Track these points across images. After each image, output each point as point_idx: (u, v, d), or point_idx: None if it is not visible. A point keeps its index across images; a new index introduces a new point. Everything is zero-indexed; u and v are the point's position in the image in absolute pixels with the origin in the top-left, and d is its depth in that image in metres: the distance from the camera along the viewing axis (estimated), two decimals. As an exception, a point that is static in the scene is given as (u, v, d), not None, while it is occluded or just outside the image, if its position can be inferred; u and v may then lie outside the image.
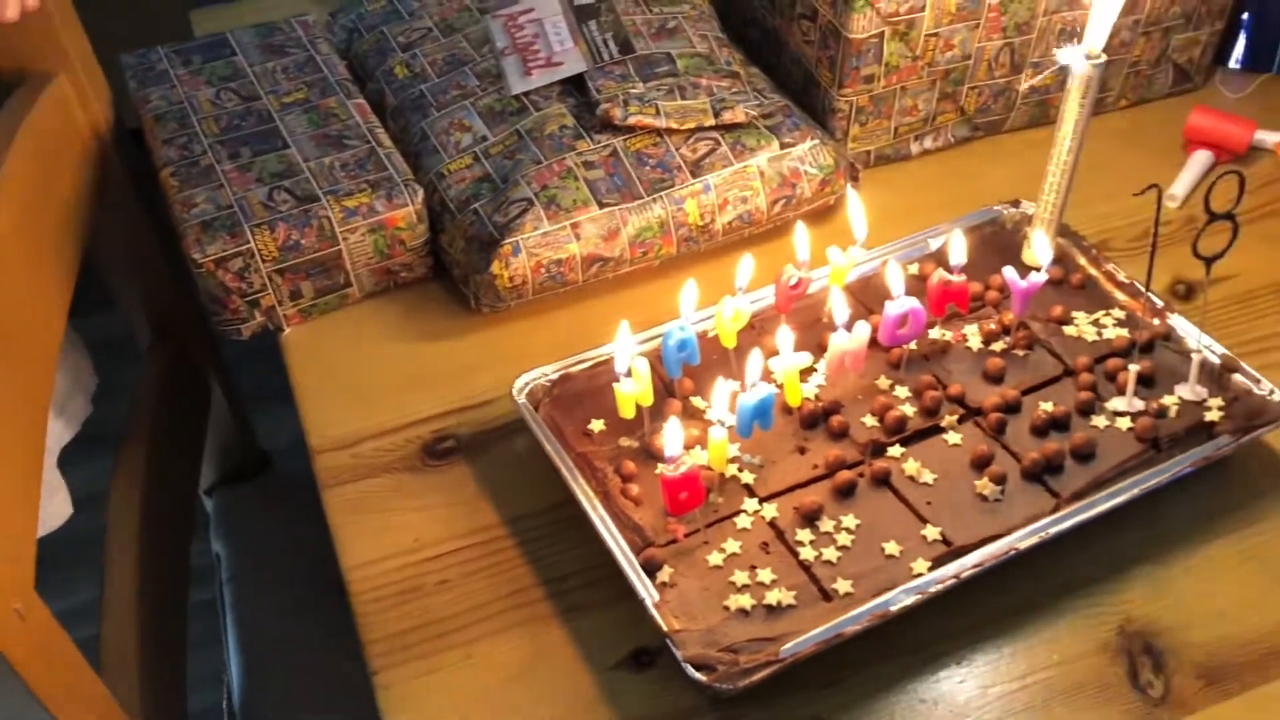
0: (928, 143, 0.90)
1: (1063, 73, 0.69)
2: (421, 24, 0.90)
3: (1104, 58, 0.67)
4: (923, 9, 0.81)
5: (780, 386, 0.67)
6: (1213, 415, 0.67)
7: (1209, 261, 0.67)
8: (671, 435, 0.59)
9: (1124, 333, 0.71)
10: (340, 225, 0.75)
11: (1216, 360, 0.69)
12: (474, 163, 0.79)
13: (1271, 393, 0.67)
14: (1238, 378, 0.68)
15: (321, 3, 1.09)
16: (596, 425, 0.67)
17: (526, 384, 0.69)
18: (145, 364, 0.95)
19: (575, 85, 0.83)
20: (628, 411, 0.66)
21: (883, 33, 0.81)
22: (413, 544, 0.66)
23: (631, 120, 0.78)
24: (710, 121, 0.79)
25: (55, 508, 0.87)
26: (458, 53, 0.87)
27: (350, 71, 0.89)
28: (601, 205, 0.76)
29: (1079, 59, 0.66)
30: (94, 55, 0.82)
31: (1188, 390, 0.68)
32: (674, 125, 0.79)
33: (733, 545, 0.61)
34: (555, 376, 0.70)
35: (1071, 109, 0.68)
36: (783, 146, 0.80)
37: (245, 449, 1.08)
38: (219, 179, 0.77)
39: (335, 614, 0.96)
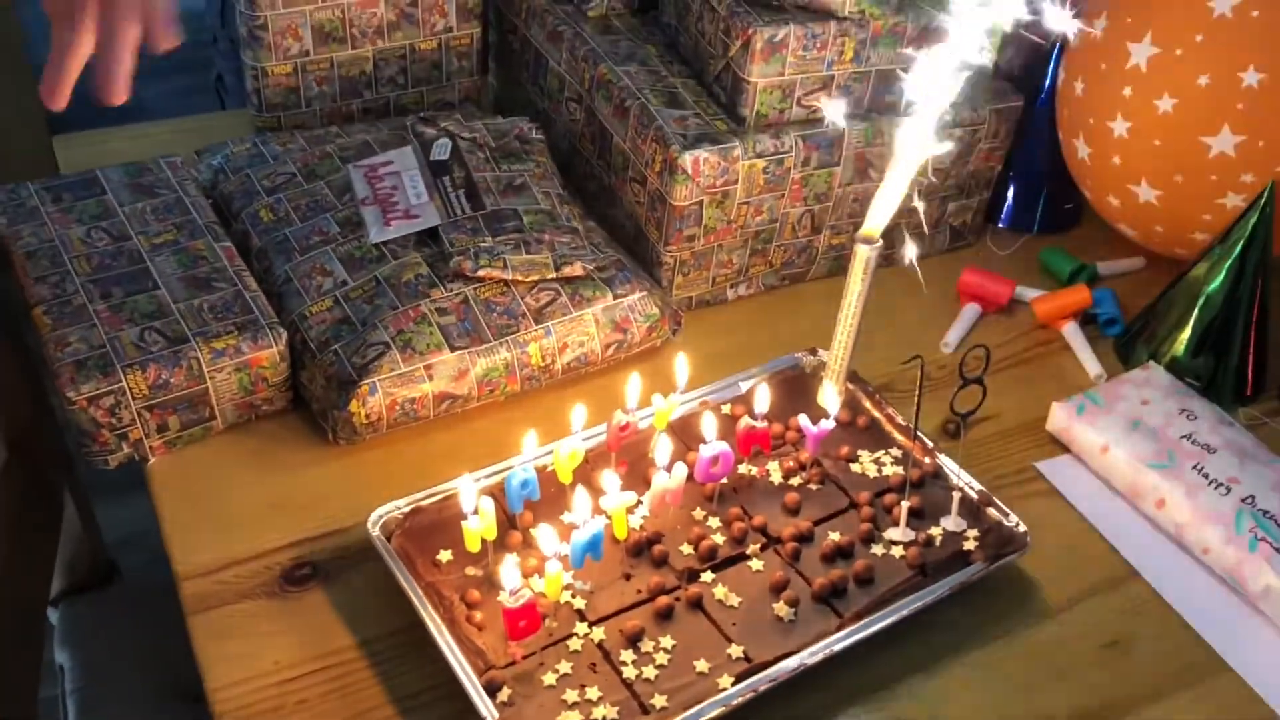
0: (741, 290, 1.03)
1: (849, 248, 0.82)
2: (285, 169, 0.98)
3: (880, 242, 0.80)
4: (736, 182, 0.93)
5: (609, 520, 0.76)
6: (970, 545, 0.79)
7: (963, 416, 0.81)
8: (509, 572, 0.68)
9: (899, 470, 0.84)
10: (208, 365, 0.81)
11: (974, 496, 0.82)
12: (334, 305, 0.87)
13: (1017, 525, 0.80)
14: (991, 511, 0.81)
15: (184, 134, 1.15)
16: (444, 555, 0.75)
17: (380, 516, 0.77)
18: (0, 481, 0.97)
19: (430, 236, 0.91)
20: (473, 545, 0.74)
21: (702, 201, 0.93)
22: (273, 666, 0.72)
23: (481, 272, 0.87)
24: (552, 275, 0.89)
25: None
26: (320, 199, 0.94)
27: (216, 210, 0.96)
28: (453, 348, 0.85)
29: (861, 245, 0.79)
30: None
31: (951, 523, 0.81)
32: (519, 278, 0.88)
33: (565, 666, 0.69)
34: (407, 509, 0.77)
35: (854, 284, 0.80)
36: (615, 297, 0.91)
37: (93, 559, 1.11)
38: (91, 318, 0.82)
39: (182, 723, 0.99)
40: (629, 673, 0.69)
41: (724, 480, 0.81)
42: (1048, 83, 1.10)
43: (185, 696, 1.02)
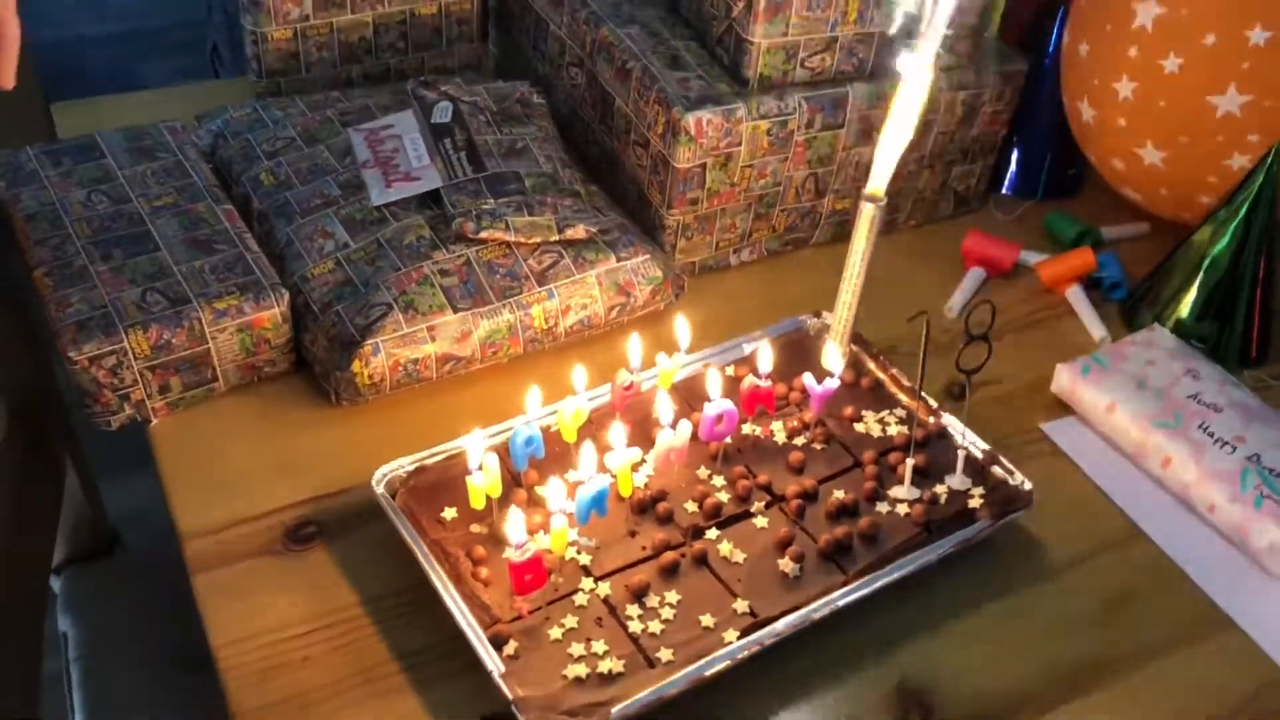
0: (744, 255, 1.02)
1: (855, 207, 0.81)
2: (285, 133, 0.97)
3: (885, 200, 0.79)
4: (739, 144, 0.93)
5: (614, 477, 0.76)
6: (975, 503, 0.79)
7: (969, 374, 0.80)
8: (514, 525, 0.68)
9: (904, 430, 0.84)
10: (210, 326, 0.81)
11: (979, 455, 0.82)
12: (336, 268, 0.87)
13: (1022, 483, 0.80)
14: (996, 470, 0.81)
15: (180, 101, 1.14)
16: (449, 513, 0.75)
17: (385, 474, 0.76)
18: (1, 450, 0.97)
19: (432, 198, 0.91)
20: (478, 502, 0.74)
21: (705, 163, 0.93)
22: (278, 623, 0.72)
23: (484, 234, 0.87)
24: (555, 237, 0.89)
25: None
26: (320, 163, 0.94)
27: (216, 175, 0.95)
28: (455, 310, 0.85)
29: (864, 202, 0.78)
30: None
31: (956, 481, 0.80)
32: (522, 240, 0.88)
33: (571, 621, 0.69)
34: (411, 468, 0.77)
35: (859, 242, 0.80)
36: (618, 260, 0.90)
37: (95, 528, 1.10)
38: (93, 280, 0.82)
39: (186, 690, 0.99)
40: (635, 627, 0.69)
41: (728, 440, 0.80)
42: (1052, 46, 1.09)
43: (188, 665, 1.02)
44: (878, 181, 0.79)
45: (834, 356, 0.82)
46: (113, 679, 1.01)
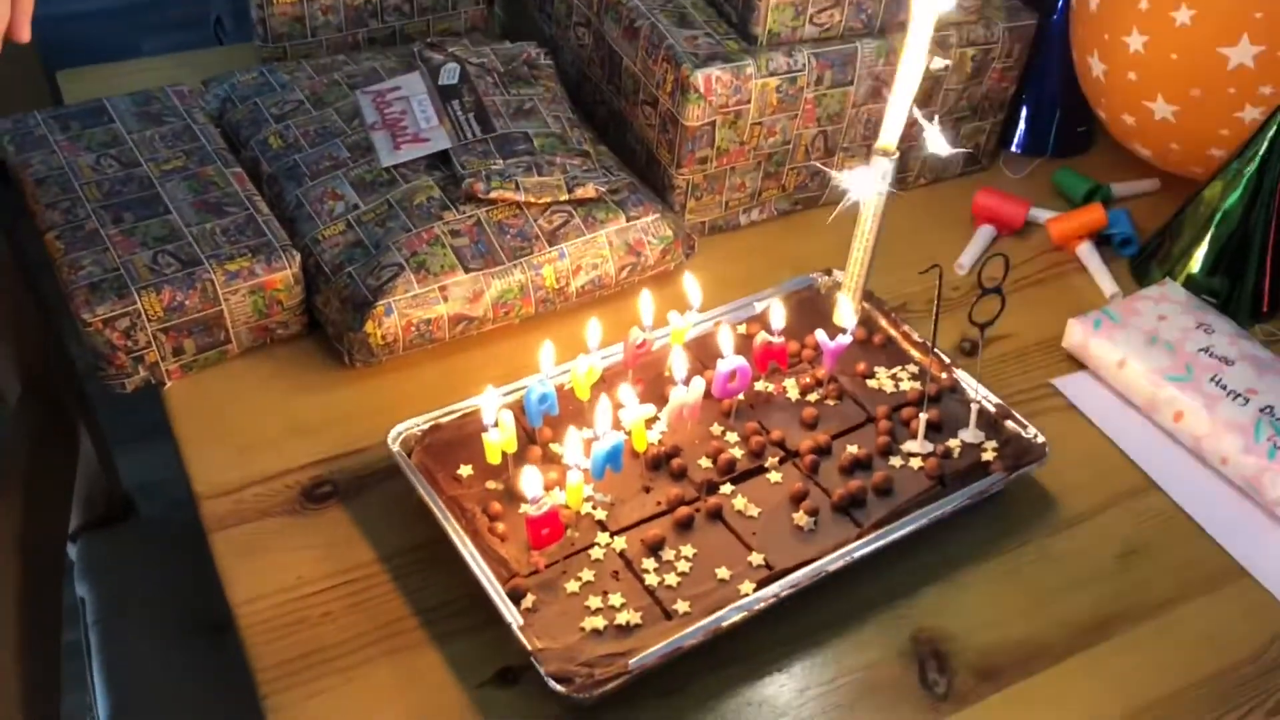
0: (754, 215, 1.02)
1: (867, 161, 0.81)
2: (293, 96, 0.97)
3: (897, 153, 0.79)
4: (748, 102, 0.93)
5: (628, 434, 0.76)
6: (988, 456, 0.79)
7: (982, 327, 0.80)
8: (531, 480, 0.68)
9: (917, 385, 0.84)
10: (222, 287, 0.81)
11: (992, 409, 0.82)
12: (347, 229, 0.87)
13: (1035, 436, 0.80)
14: (1009, 424, 0.81)
15: (185, 67, 1.14)
16: (465, 470, 0.75)
17: (400, 433, 0.77)
18: (14, 418, 0.97)
19: (441, 159, 0.91)
20: (494, 458, 0.74)
21: (714, 121, 0.92)
22: (296, 581, 0.72)
23: (493, 194, 0.87)
24: (564, 196, 0.89)
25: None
26: (329, 125, 0.94)
27: (224, 138, 0.95)
28: (467, 270, 0.85)
29: (878, 158, 0.78)
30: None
31: (969, 434, 0.80)
32: (532, 199, 0.88)
33: (588, 574, 0.70)
34: (426, 426, 0.77)
35: (872, 197, 0.80)
36: (629, 219, 0.90)
37: (110, 495, 1.11)
38: (104, 243, 0.82)
39: (204, 655, 1.00)
40: (651, 580, 0.70)
41: (741, 396, 0.81)
42: (1061, 1, 1.08)
43: (205, 629, 1.02)
44: (889, 136, 0.79)
45: (847, 312, 0.82)
46: (131, 644, 1.01)
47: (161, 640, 1.02)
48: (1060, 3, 1.09)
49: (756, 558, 0.72)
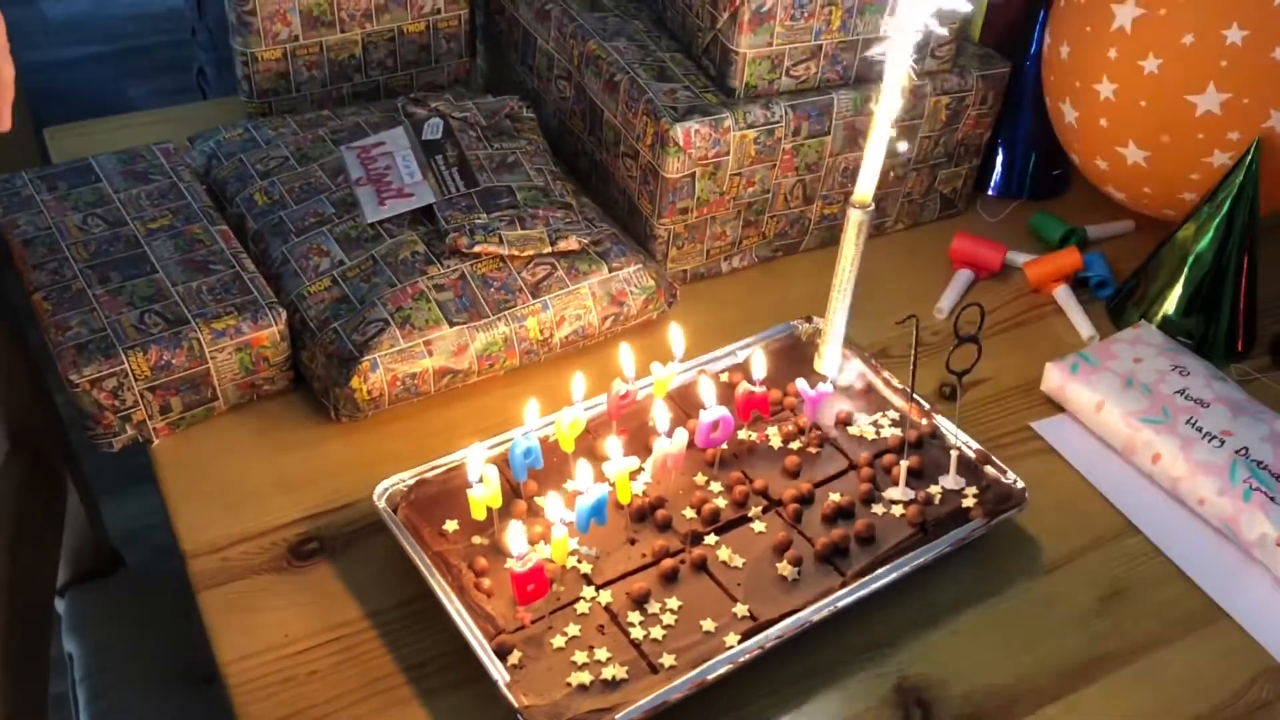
0: (735, 262, 1.03)
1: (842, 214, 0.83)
2: (278, 152, 0.98)
3: (872, 206, 0.81)
4: (728, 153, 0.94)
5: (613, 486, 0.77)
6: (969, 502, 0.80)
7: (960, 375, 0.81)
8: (515, 536, 0.69)
9: (897, 432, 0.85)
10: (209, 346, 0.82)
11: (972, 454, 0.83)
12: (332, 285, 0.87)
13: (1015, 482, 0.81)
14: (989, 469, 0.82)
15: (170, 123, 1.15)
16: (450, 525, 0.76)
17: (386, 489, 0.77)
18: (2, 472, 0.97)
19: (425, 214, 0.92)
20: (479, 514, 0.75)
21: (694, 173, 0.94)
22: (284, 639, 0.72)
23: (477, 248, 0.88)
24: (547, 249, 0.90)
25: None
26: (314, 181, 0.95)
27: (210, 195, 0.96)
28: (451, 324, 0.86)
29: (852, 209, 0.79)
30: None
31: (949, 481, 0.81)
32: (515, 252, 0.89)
33: (573, 629, 0.70)
34: (412, 482, 0.78)
35: (848, 248, 0.81)
36: (611, 270, 0.91)
37: (98, 549, 1.11)
38: (91, 303, 0.82)
39: (191, 707, 1.00)
40: (637, 633, 0.70)
41: (724, 446, 0.81)
42: (1033, 48, 1.11)
43: (194, 680, 1.02)
44: (864, 189, 0.81)
45: (831, 361, 0.83)
46: (119, 698, 1.01)
47: (150, 692, 1.02)
48: (1032, 50, 1.11)
49: (741, 609, 0.72)
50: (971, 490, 0.81)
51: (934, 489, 0.81)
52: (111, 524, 1.19)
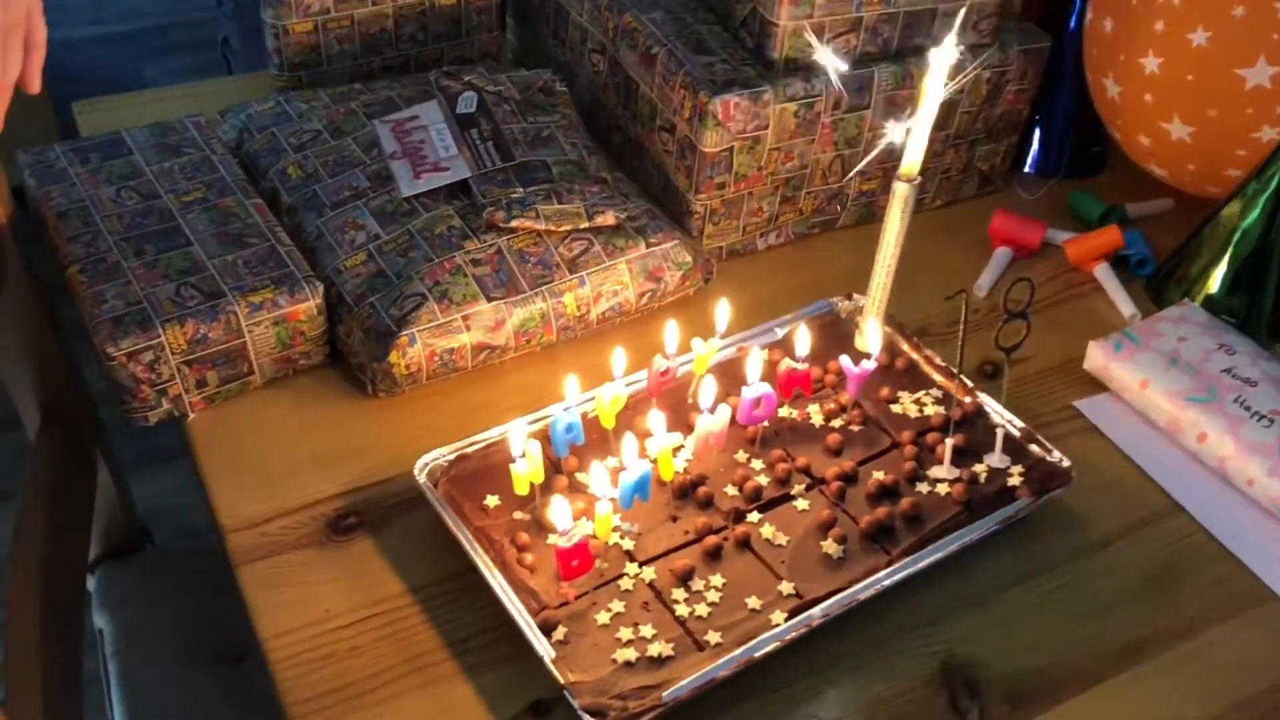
0: (771, 239, 1.02)
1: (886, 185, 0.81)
2: (311, 126, 0.97)
3: (919, 179, 0.79)
4: (766, 127, 0.93)
5: (655, 462, 0.76)
6: (1014, 481, 0.79)
7: (1008, 351, 0.80)
8: (560, 511, 0.68)
9: (940, 410, 0.84)
10: (246, 320, 0.81)
11: (1017, 433, 0.82)
12: (368, 259, 0.87)
13: (1061, 460, 0.80)
14: (1034, 448, 0.81)
15: (199, 97, 1.14)
16: (492, 501, 0.75)
17: (426, 464, 0.76)
18: (35, 449, 0.97)
19: (460, 188, 0.91)
20: (521, 489, 0.74)
21: (732, 147, 0.93)
22: (324, 614, 0.72)
23: (514, 223, 0.87)
24: (584, 224, 0.89)
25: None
26: (348, 155, 0.94)
27: (243, 169, 0.95)
28: (489, 299, 0.85)
29: (898, 182, 0.78)
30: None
31: (994, 459, 0.80)
32: (552, 228, 0.88)
33: (618, 605, 0.69)
34: (452, 457, 0.77)
35: (893, 222, 0.80)
36: (648, 246, 0.90)
37: (127, 525, 1.11)
38: (126, 275, 0.82)
39: (222, 684, 1.00)
40: (681, 610, 0.69)
41: (766, 423, 0.80)
42: (1074, 22, 1.09)
43: (224, 658, 1.02)
44: (911, 160, 0.79)
45: (873, 337, 0.82)
46: (149, 674, 1.01)
47: (180, 668, 1.02)
48: (1072, 24, 1.09)
49: (786, 586, 0.71)
50: (1017, 469, 0.80)
51: (979, 467, 0.80)
52: (137, 502, 1.18)
